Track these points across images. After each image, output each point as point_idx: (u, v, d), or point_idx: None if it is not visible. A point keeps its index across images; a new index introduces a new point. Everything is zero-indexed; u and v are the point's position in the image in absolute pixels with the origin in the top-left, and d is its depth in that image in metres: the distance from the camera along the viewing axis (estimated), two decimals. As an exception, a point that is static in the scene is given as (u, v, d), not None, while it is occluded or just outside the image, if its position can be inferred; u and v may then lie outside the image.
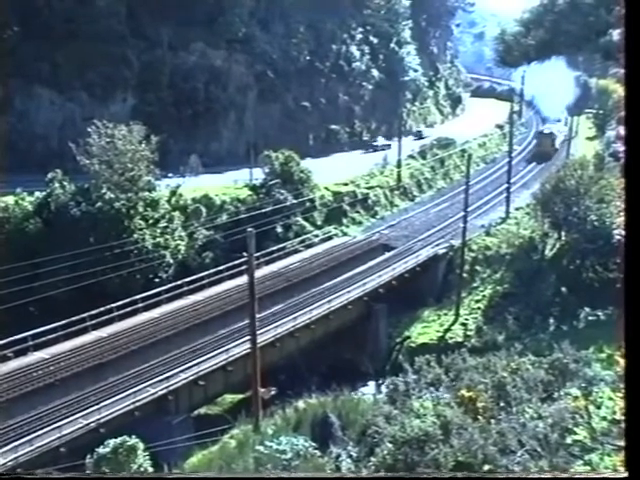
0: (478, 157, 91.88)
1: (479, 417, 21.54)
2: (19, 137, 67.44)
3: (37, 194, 54.92)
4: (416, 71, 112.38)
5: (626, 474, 9.28)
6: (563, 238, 58.11)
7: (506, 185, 73.63)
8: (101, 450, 22.61)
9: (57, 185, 54.33)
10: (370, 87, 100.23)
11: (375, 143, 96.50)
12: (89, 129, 55.82)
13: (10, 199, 54.37)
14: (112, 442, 22.74)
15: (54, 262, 44.32)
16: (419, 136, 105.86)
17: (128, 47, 73.73)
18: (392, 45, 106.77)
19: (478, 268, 60.41)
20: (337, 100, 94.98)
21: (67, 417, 33.57)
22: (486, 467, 18.70)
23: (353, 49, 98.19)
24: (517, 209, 71.97)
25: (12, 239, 52.04)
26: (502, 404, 22.73)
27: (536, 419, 20.80)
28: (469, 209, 59.63)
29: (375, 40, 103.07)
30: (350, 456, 23.29)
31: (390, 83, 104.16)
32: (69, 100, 70.78)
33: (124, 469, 22.24)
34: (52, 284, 43.88)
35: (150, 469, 22.92)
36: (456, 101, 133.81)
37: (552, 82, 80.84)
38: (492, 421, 21.29)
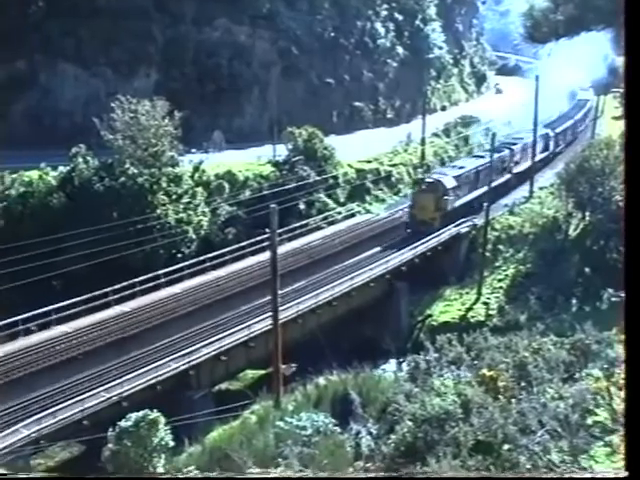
0: (502, 136, 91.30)
1: (500, 396, 21.52)
2: (44, 112, 67.69)
3: (61, 169, 55.12)
4: (441, 48, 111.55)
5: (626, 474, 9.25)
6: (587, 218, 57.72)
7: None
8: (123, 423, 22.72)
9: (81, 160, 54.50)
10: (394, 64, 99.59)
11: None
12: (113, 104, 55.90)
13: (34, 174, 54.65)
14: (134, 416, 22.84)
15: (77, 237, 44.54)
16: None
17: (152, 23, 73.60)
18: (417, 22, 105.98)
19: (501, 247, 60.15)
20: (361, 77, 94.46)
21: (90, 390, 33.84)
22: (506, 447, 18.69)
23: (378, 26, 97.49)
24: (541, 188, 71.37)
25: (36, 213, 52.37)
26: (523, 384, 22.69)
27: (557, 399, 20.76)
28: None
29: (400, 17, 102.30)
30: (370, 433, 23.34)
31: (415, 60, 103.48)
32: (93, 76, 70.82)
33: (146, 443, 22.36)
34: (75, 259, 44.13)
35: (171, 443, 23.04)
36: (481, 79, 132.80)
37: (579, 60, 79.24)
38: (513, 401, 21.26)
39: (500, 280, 56.20)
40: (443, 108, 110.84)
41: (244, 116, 79.41)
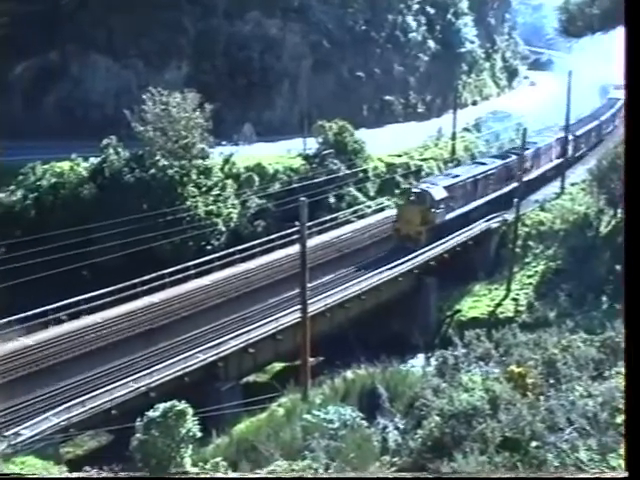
0: (534, 131, 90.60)
1: (528, 393, 21.41)
2: (75, 104, 68.19)
3: (92, 160, 55.54)
4: (473, 43, 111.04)
5: (626, 474, 9.14)
6: (619, 215, 57.22)
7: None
8: (151, 414, 22.85)
9: (111, 151, 54.87)
10: (426, 58, 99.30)
11: None
12: (144, 96, 56.17)
13: (65, 164, 55.07)
14: (162, 406, 22.97)
15: (107, 228, 44.83)
16: None
17: (184, 15, 73.85)
18: (449, 16, 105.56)
19: (531, 243, 59.77)
20: (392, 71, 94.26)
21: (118, 380, 34.05)
22: (533, 444, 18.59)
23: (409, 19, 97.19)
24: (572, 185, 70.78)
25: (67, 204, 52.82)
26: (552, 381, 22.55)
27: (586, 397, 20.60)
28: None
29: (432, 11, 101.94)
30: (397, 428, 23.34)
31: (446, 54, 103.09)
32: (125, 67, 71.26)
33: (173, 433, 22.47)
34: (105, 249, 44.41)
35: (199, 434, 23.16)
36: (513, 74, 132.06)
37: (614, 55, 77.79)
38: (541, 398, 21.15)
39: (530, 276, 55.86)
40: (474, 103, 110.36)
41: (274, 109, 79.53)
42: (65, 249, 39.90)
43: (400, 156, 75.45)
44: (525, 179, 62.81)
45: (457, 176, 58.94)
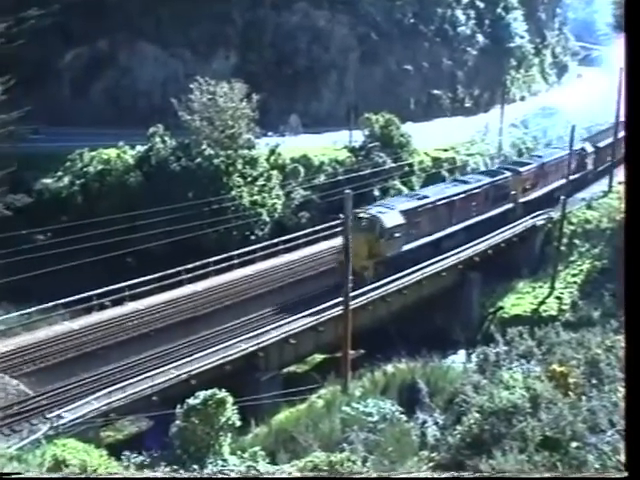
0: (583, 128, 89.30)
1: (570, 393, 21.23)
2: (123, 92, 68.71)
3: (138, 148, 55.93)
4: (522, 37, 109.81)
5: (626, 474, 9.02)
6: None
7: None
8: (191, 401, 23.06)
9: (158, 140, 55.19)
10: (474, 52, 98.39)
11: None
12: (191, 86, 56.43)
13: (112, 152, 55.54)
14: (202, 394, 23.16)
15: (153, 215, 45.11)
16: None
17: (232, 5, 74.01)
18: (499, 10, 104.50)
19: (576, 242, 59.04)
20: (440, 65, 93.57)
21: (159, 367, 34.28)
22: (574, 444, 18.42)
23: (458, 13, 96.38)
24: (620, 183, 69.69)
25: (113, 191, 53.28)
26: (594, 381, 22.34)
27: (629, 399, 20.38)
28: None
29: (481, 4, 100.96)
30: (436, 423, 23.31)
31: (495, 49, 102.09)
32: (172, 56, 71.58)
33: (213, 421, 22.65)
34: (150, 237, 44.72)
35: (238, 423, 23.29)
36: (562, 70, 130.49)
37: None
38: (583, 398, 20.96)
39: (574, 275, 55.21)
40: (522, 98, 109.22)
41: (321, 100, 79.43)
42: (110, 236, 40.29)
43: (446, 150, 74.97)
44: (522, 200, 60.17)
45: (425, 197, 51.28)
